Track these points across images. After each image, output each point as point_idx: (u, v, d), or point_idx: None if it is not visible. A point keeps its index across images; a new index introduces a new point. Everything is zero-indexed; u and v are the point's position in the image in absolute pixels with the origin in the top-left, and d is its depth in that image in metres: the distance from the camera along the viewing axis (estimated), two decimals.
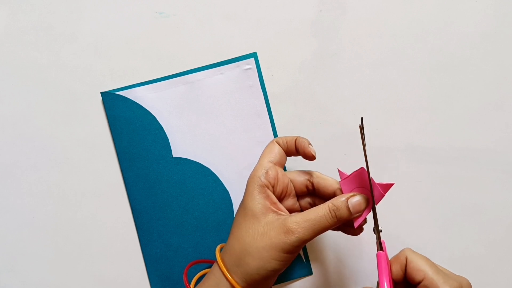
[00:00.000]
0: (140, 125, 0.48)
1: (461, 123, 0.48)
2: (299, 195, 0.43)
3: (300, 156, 0.41)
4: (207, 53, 0.48)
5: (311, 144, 0.41)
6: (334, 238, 0.47)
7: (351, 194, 0.38)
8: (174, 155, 0.48)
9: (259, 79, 0.48)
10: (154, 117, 0.48)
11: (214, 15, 0.48)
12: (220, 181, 0.47)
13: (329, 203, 0.37)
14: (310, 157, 0.40)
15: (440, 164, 0.48)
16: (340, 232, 0.48)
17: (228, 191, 0.47)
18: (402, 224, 0.47)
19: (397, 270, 0.38)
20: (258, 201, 0.38)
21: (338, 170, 0.40)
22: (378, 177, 0.41)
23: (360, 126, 0.37)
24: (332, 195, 0.40)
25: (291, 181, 0.42)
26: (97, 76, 0.48)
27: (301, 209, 0.43)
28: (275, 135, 0.48)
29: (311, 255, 0.47)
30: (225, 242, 0.43)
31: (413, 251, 0.38)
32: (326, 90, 0.48)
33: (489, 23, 0.48)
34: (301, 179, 0.42)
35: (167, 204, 0.47)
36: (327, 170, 0.43)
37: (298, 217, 0.37)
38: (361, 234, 0.45)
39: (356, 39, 0.48)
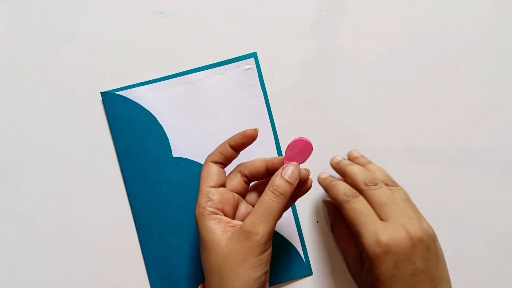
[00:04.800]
0: (140, 125, 0.48)
1: (461, 123, 0.48)
2: (244, 194, 0.42)
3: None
4: (207, 53, 0.48)
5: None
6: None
7: (281, 168, 0.38)
8: (174, 155, 0.48)
9: (259, 79, 0.48)
10: (154, 117, 0.48)
11: (214, 15, 0.48)
12: None
13: (268, 187, 0.38)
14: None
15: (440, 164, 0.48)
16: None
17: None
18: None
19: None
20: (215, 229, 0.37)
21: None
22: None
23: None
24: (265, 173, 0.40)
25: (232, 189, 0.41)
26: (97, 76, 0.48)
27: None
28: (275, 135, 0.48)
29: (311, 255, 0.47)
30: None
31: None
32: (326, 90, 0.48)
33: (489, 23, 0.48)
34: (236, 182, 0.41)
35: (167, 204, 0.47)
36: (327, 171, 0.44)
37: (250, 217, 0.37)
38: None
39: (356, 39, 0.48)
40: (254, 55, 0.48)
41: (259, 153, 0.48)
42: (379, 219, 0.38)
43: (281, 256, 0.47)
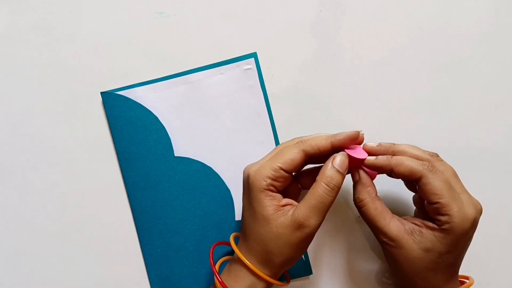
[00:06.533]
0: (141, 124, 0.48)
1: (461, 123, 0.48)
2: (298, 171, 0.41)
3: None
4: (207, 53, 0.48)
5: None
6: (334, 237, 0.47)
7: (332, 157, 0.38)
8: (176, 155, 0.48)
9: (259, 79, 0.48)
10: (156, 116, 0.48)
11: (214, 15, 0.48)
12: (222, 180, 0.47)
13: (322, 178, 0.37)
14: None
15: None
16: (340, 231, 0.48)
17: (230, 190, 0.47)
18: None
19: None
20: (267, 205, 0.38)
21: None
22: (380, 177, 0.41)
23: None
24: (331, 151, 0.39)
25: (291, 165, 0.39)
26: (97, 76, 0.48)
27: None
28: (275, 135, 0.48)
29: (311, 255, 0.47)
30: (226, 240, 0.43)
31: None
32: (326, 90, 0.48)
33: (489, 23, 0.48)
34: (297, 160, 0.38)
35: (168, 204, 0.47)
36: None
37: (303, 208, 0.37)
38: (361, 233, 0.44)
39: (356, 39, 0.48)
40: (254, 55, 0.48)
41: (258, 152, 0.47)
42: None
43: None
